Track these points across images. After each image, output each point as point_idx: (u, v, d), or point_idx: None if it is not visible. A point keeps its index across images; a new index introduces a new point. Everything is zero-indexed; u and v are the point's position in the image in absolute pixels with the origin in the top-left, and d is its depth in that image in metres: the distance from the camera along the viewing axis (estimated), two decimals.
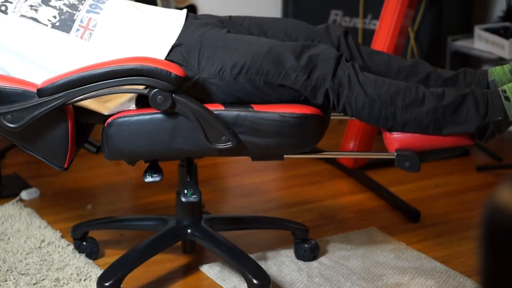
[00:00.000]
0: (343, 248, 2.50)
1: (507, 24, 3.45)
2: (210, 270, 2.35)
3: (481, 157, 3.38)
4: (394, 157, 2.04)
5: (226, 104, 2.02)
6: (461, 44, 3.49)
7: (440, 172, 3.18)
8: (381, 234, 2.61)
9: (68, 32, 2.02)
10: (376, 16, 3.61)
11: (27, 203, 2.81)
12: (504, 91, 1.98)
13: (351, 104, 1.98)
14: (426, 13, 3.53)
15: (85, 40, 2.02)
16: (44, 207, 2.79)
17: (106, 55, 2.01)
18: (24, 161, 3.21)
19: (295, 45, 2.02)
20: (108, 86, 1.94)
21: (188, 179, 2.25)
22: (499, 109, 1.97)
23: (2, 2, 2.06)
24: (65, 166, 2.07)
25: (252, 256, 2.25)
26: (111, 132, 2.02)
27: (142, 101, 2.03)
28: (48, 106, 1.95)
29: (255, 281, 2.12)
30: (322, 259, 2.43)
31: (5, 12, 2.04)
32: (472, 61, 3.78)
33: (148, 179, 2.12)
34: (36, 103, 1.95)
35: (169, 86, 1.94)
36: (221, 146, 1.99)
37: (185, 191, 2.20)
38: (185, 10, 2.20)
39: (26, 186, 2.92)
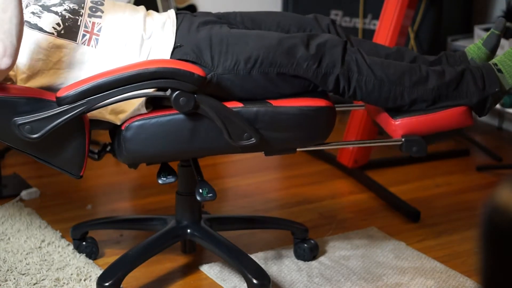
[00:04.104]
0: (343, 248, 2.50)
1: (507, 24, 3.45)
2: (210, 270, 2.35)
3: (481, 157, 3.38)
4: (401, 142, 2.11)
5: (244, 101, 2.04)
6: (461, 44, 3.49)
7: (440, 172, 3.18)
8: (381, 234, 2.61)
9: (75, 40, 1.99)
10: (376, 16, 3.61)
11: (27, 203, 2.81)
12: (496, 64, 2.10)
13: (361, 87, 2.05)
14: (426, 13, 3.53)
15: (92, 46, 2.00)
16: (44, 207, 2.79)
17: (113, 61, 2.00)
18: (24, 161, 3.21)
19: (301, 36, 2.07)
20: (131, 91, 1.91)
21: (199, 178, 2.24)
22: (495, 81, 2.09)
23: None
24: (81, 174, 2.04)
25: (252, 256, 2.25)
26: (130, 135, 2.00)
27: (153, 104, 2.02)
28: (70, 114, 1.90)
29: (255, 281, 2.12)
30: (322, 259, 2.43)
31: None
32: None
33: (163, 180, 2.13)
34: (56, 111, 1.91)
35: (192, 87, 1.93)
36: (244, 143, 2.01)
37: (200, 191, 2.18)
38: (172, 10, 2.20)
39: (26, 186, 2.92)
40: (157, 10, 3.36)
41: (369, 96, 2.08)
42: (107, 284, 2.11)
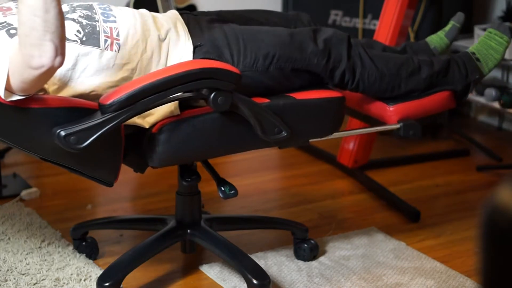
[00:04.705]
0: (343, 248, 2.50)
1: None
2: (210, 270, 2.35)
3: (481, 157, 3.38)
4: (398, 127, 2.22)
5: (270, 96, 2.08)
6: (461, 44, 3.49)
7: (440, 172, 3.18)
8: (381, 234, 2.61)
9: (99, 46, 1.95)
10: (376, 16, 3.61)
11: (27, 203, 2.81)
12: (473, 53, 2.31)
13: (364, 80, 2.17)
14: (426, 13, 3.53)
15: (115, 51, 1.96)
16: (44, 207, 2.79)
17: (138, 64, 1.98)
18: (24, 161, 3.21)
19: (307, 31, 2.15)
20: (175, 93, 1.89)
21: (217, 177, 2.24)
22: (475, 69, 2.29)
23: None
24: (115, 181, 2.03)
25: (252, 256, 2.25)
26: (164, 138, 1.97)
27: (181, 106, 2.02)
28: (116, 121, 1.85)
29: (255, 281, 2.12)
30: (322, 259, 2.43)
31: None
32: None
33: (187, 182, 2.17)
34: (103, 119, 1.84)
35: (232, 86, 1.94)
36: (276, 137, 2.05)
37: (222, 189, 2.18)
38: (175, 11, 2.19)
39: (26, 186, 2.92)
40: (157, 10, 3.36)
41: (370, 87, 2.19)
42: (107, 284, 2.11)
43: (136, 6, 3.31)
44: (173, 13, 2.17)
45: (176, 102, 1.98)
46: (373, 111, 2.28)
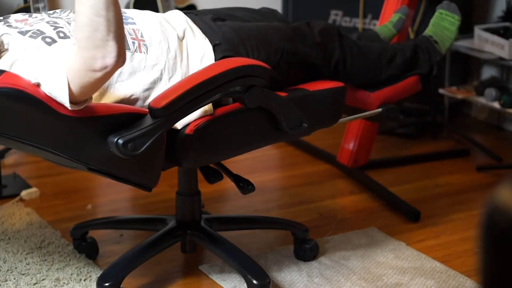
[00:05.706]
0: (343, 248, 2.50)
1: (507, 24, 3.45)
2: (210, 270, 2.35)
3: (481, 157, 3.38)
4: (381, 111, 2.34)
5: (287, 90, 2.12)
6: (461, 44, 3.49)
7: (440, 172, 3.18)
8: (381, 234, 2.61)
9: (129, 48, 1.92)
10: (376, 16, 3.61)
11: (27, 203, 2.81)
12: (431, 36, 2.45)
13: (353, 68, 2.26)
14: (426, 13, 3.53)
15: (144, 53, 1.95)
16: (44, 207, 2.79)
17: (165, 65, 1.97)
18: (24, 161, 3.21)
19: (304, 24, 2.22)
20: (219, 92, 1.89)
21: (231, 174, 2.25)
22: (436, 51, 2.43)
23: (57, 29, 1.90)
24: (156, 185, 2.01)
25: (252, 256, 2.25)
26: (201, 138, 1.97)
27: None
28: (169, 124, 1.85)
29: (255, 281, 2.12)
30: (322, 259, 2.43)
31: (65, 37, 1.88)
32: (472, 61, 3.77)
33: (212, 180, 2.20)
34: (157, 123, 1.83)
35: (265, 81, 1.97)
36: (299, 129, 2.09)
37: (241, 184, 2.21)
38: (179, 11, 2.19)
39: (26, 186, 2.92)
40: (157, 10, 3.36)
41: (358, 76, 2.29)
42: (107, 284, 2.11)
43: (136, 6, 3.31)
44: (179, 13, 2.16)
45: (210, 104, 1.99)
46: (354, 100, 2.36)
